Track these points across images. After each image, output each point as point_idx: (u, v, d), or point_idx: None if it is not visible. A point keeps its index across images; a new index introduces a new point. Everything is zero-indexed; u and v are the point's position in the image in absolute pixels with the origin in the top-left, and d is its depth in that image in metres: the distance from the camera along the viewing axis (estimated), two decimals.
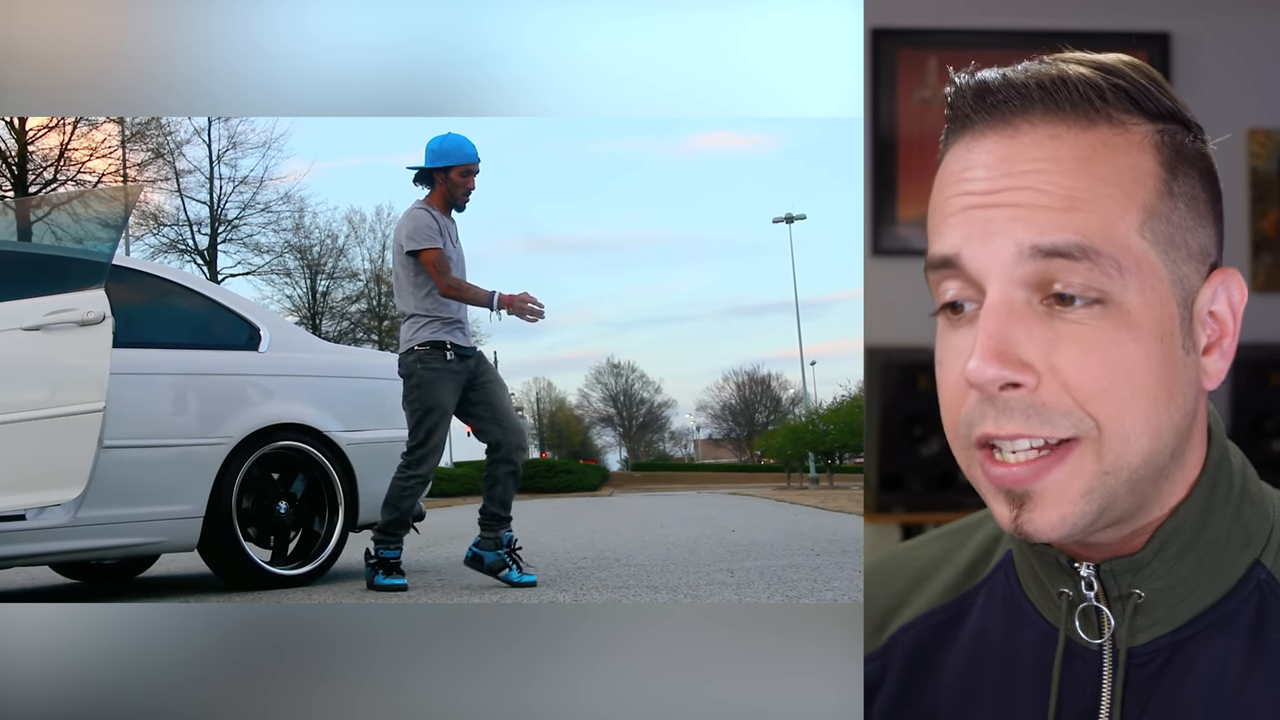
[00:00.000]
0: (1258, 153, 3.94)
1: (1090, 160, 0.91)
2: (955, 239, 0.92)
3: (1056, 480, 0.91)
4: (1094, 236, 0.89)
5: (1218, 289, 0.96)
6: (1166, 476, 0.95)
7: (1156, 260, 0.91)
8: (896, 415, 4.08)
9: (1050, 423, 0.90)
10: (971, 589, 1.12)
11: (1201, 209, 0.95)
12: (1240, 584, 0.97)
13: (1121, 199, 0.90)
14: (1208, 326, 0.96)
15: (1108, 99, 0.92)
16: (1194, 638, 0.97)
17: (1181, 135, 0.95)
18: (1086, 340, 0.89)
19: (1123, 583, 0.98)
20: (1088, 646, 1.00)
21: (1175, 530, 0.97)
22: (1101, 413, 0.90)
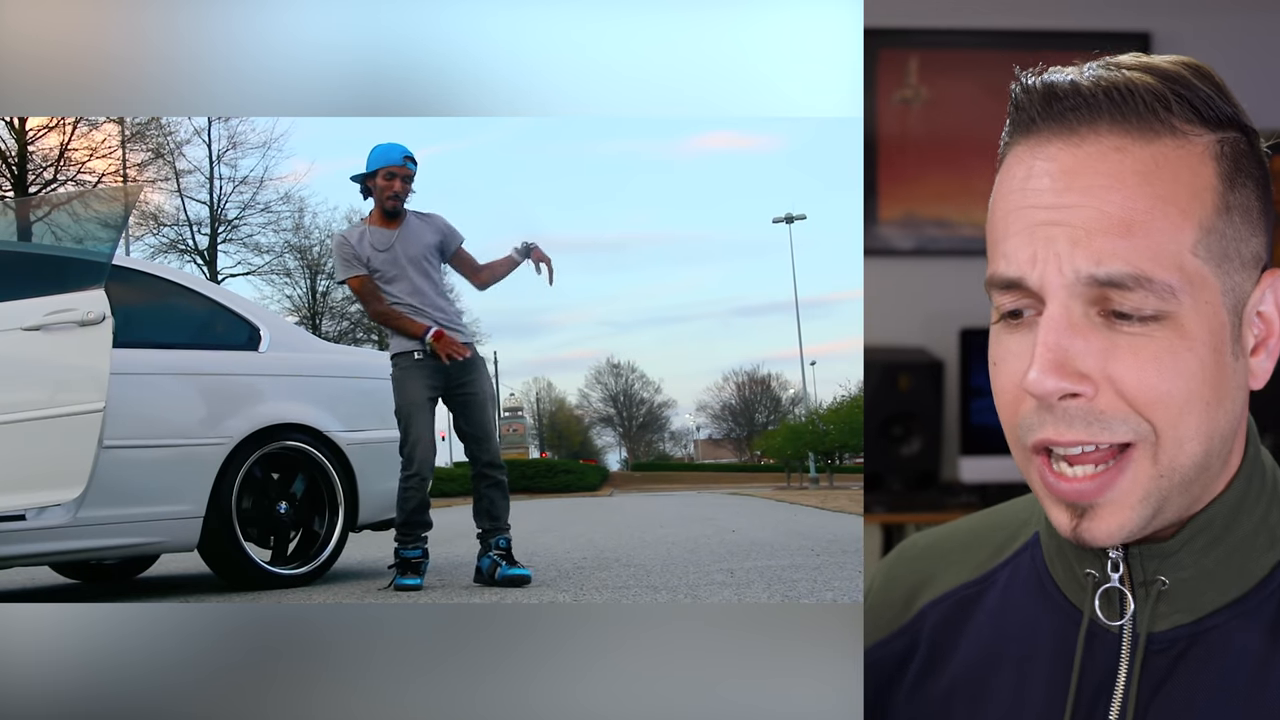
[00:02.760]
0: None
1: (1151, 177, 0.92)
2: (1020, 262, 0.95)
3: (1120, 491, 0.95)
4: (1147, 265, 0.91)
5: (1266, 290, 0.99)
6: (1215, 476, 0.99)
7: (1210, 274, 0.94)
8: (876, 415, 4.08)
9: (1110, 429, 0.94)
10: (996, 566, 1.15)
11: (1255, 218, 0.97)
12: (1263, 583, 0.99)
13: (1178, 218, 0.92)
14: (1255, 327, 0.99)
15: (1173, 109, 0.94)
16: (1214, 629, 0.99)
17: (1240, 143, 0.96)
18: (1143, 351, 0.93)
19: (1149, 568, 1.01)
20: (1108, 629, 1.03)
21: (1206, 523, 1.00)
22: (1158, 418, 0.93)
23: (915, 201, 4.16)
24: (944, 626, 1.15)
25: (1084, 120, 0.94)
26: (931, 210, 4.15)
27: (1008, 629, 1.11)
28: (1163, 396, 0.93)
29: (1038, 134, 0.96)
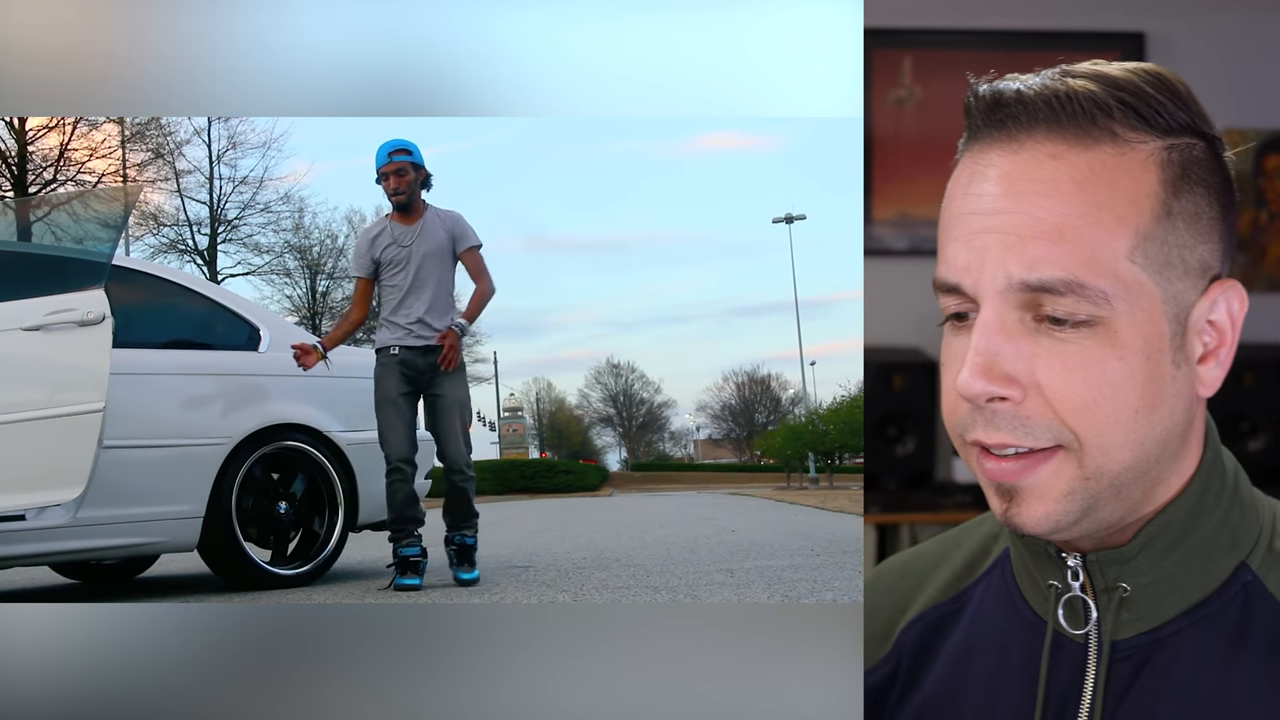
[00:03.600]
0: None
1: (1087, 183, 0.93)
2: (958, 267, 0.97)
3: (1041, 478, 0.96)
4: (1079, 270, 0.92)
5: (1217, 300, 0.98)
6: (1158, 480, 0.99)
7: (1148, 281, 0.93)
8: (873, 415, 4.08)
9: (1034, 434, 0.95)
10: (970, 585, 1.16)
11: (1204, 225, 0.96)
12: (1225, 585, 0.99)
13: (1113, 224, 0.92)
14: (1205, 335, 0.98)
15: (1113, 115, 0.93)
16: (1177, 634, 0.99)
17: (1193, 150, 0.96)
18: (1071, 358, 0.93)
19: (1109, 575, 1.01)
20: (1073, 639, 1.03)
21: (1164, 526, 1.00)
22: (1082, 427, 0.94)
23: (909, 201, 4.16)
24: (919, 646, 1.16)
25: (1023, 127, 0.95)
26: (925, 210, 4.15)
27: (979, 644, 1.11)
28: (1088, 404, 0.93)
29: (981, 141, 0.98)
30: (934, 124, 4.09)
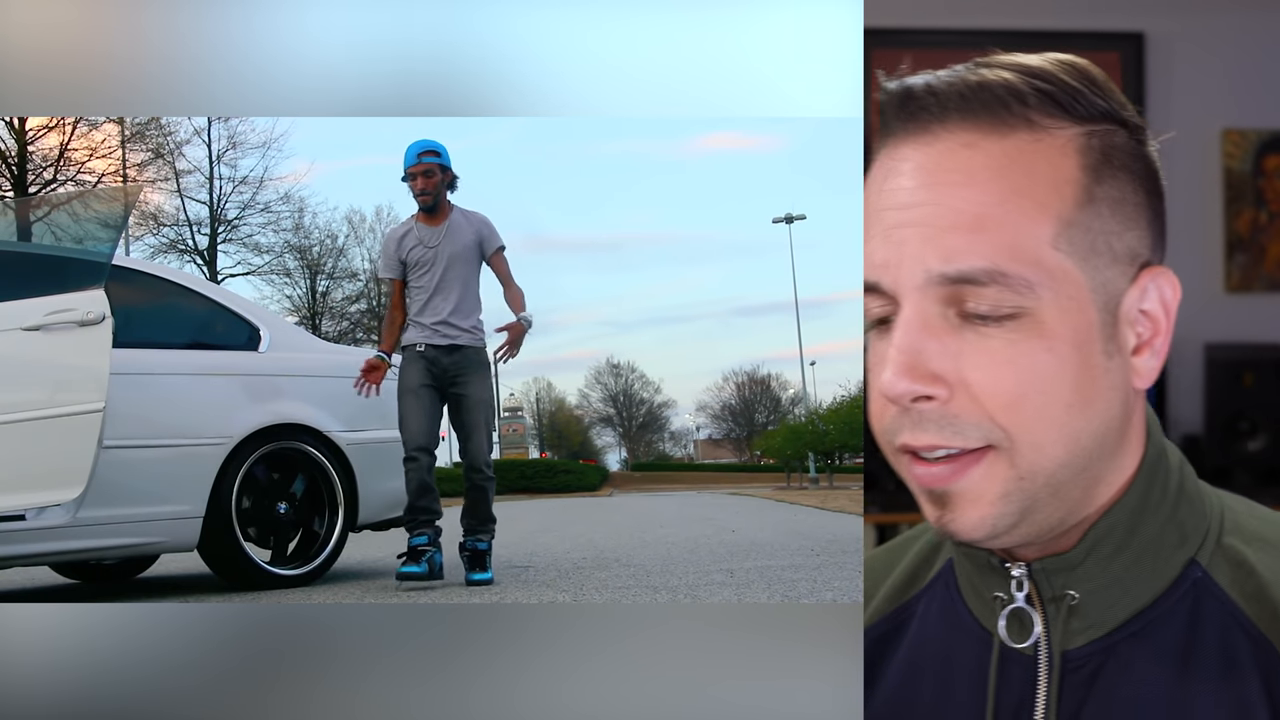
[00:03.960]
0: (1232, 153, 3.93)
1: (1004, 171, 0.90)
2: (876, 265, 0.94)
3: (973, 482, 0.92)
4: (1001, 259, 0.89)
5: (1148, 287, 0.95)
6: (1098, 479, 0.95)
7: (1073, 269, 0.91)
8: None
9: (963, 433, 0.91)
10: (911, 598, 1.12)
11: (1130, 212, 0.94)
12: (1175, 584, 0.96)
13: (1034, 211, 0.90)
14: (1138, 325, 0.95)
15: (1028, 103, 0.91)
16: (1128, 640, 0.96)
17: (1114, 136, 0.93)
18: (998, 353, 0.90)
19: (1055, 583, 0.98)
20: (1024, 651, 0.99)
21: (1108, 530, 0.97)
22: (1012, 423, 0.90)
23: None
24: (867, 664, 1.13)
25: (935, 119, 0.93)
26: None
27: (924, 662, 1.08)
28: (1017, 400, 0.90)
29: (895, 136, 0.96)
30: None
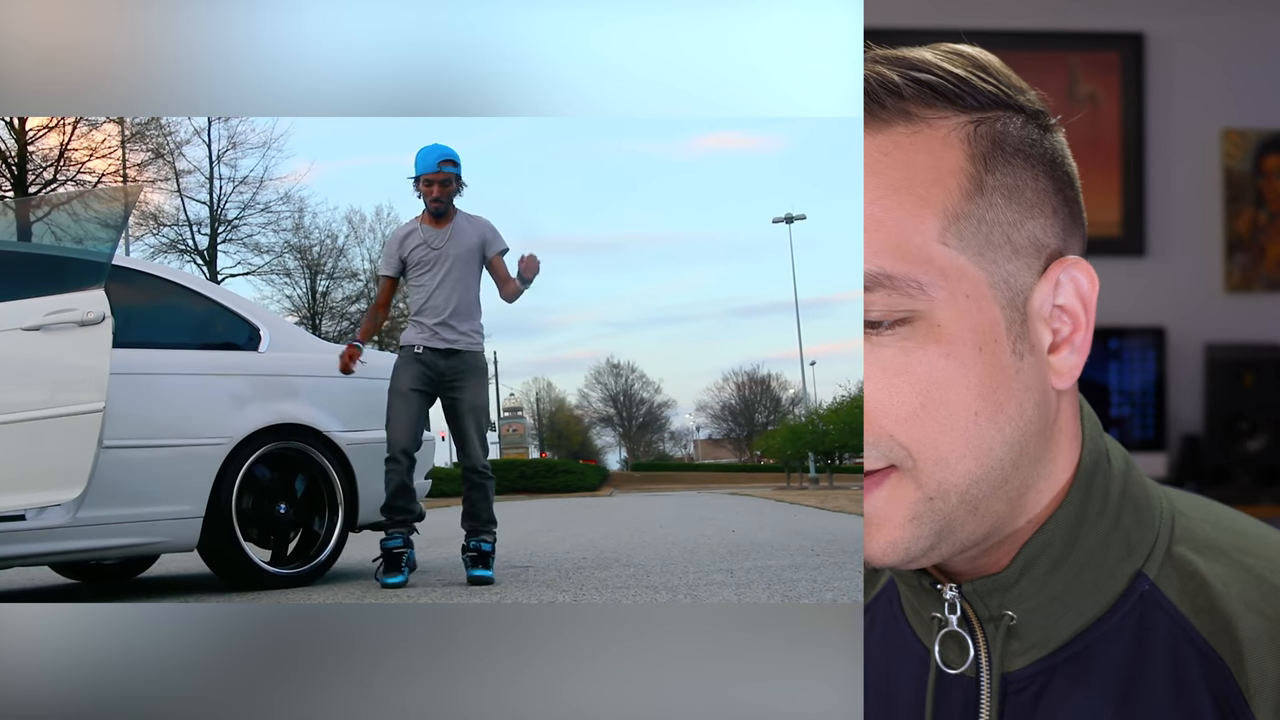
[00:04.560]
0: (1231, 153, 3.93)
1: (879, 166, 0.85)
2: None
3: (877, 504, 0.87)
4: (883, 261, 0.83)
5: (1060, 279, 0.88)
6: (1024, 488, 0.89)
7: (968, 264, 0.84)
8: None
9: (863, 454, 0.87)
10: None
11: (1029, 199, 0.87)
12: (1121, 598, 0.90)
13: (915, 208, 0.84)
14: (1054, 321, 0.88)
15: (903, 95, 0.86)
16: (1072, 659, 0.90)
17: (1007, 124, 0.87)
18: (891, 362, 0.84)
19: (990, 604, 0.92)
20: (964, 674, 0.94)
21: (1044, 546, 0.90)
22: (912, 440, 0.85)
23: None
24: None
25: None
26: None
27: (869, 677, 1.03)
28: (915, 412, 0.84)
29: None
30: None
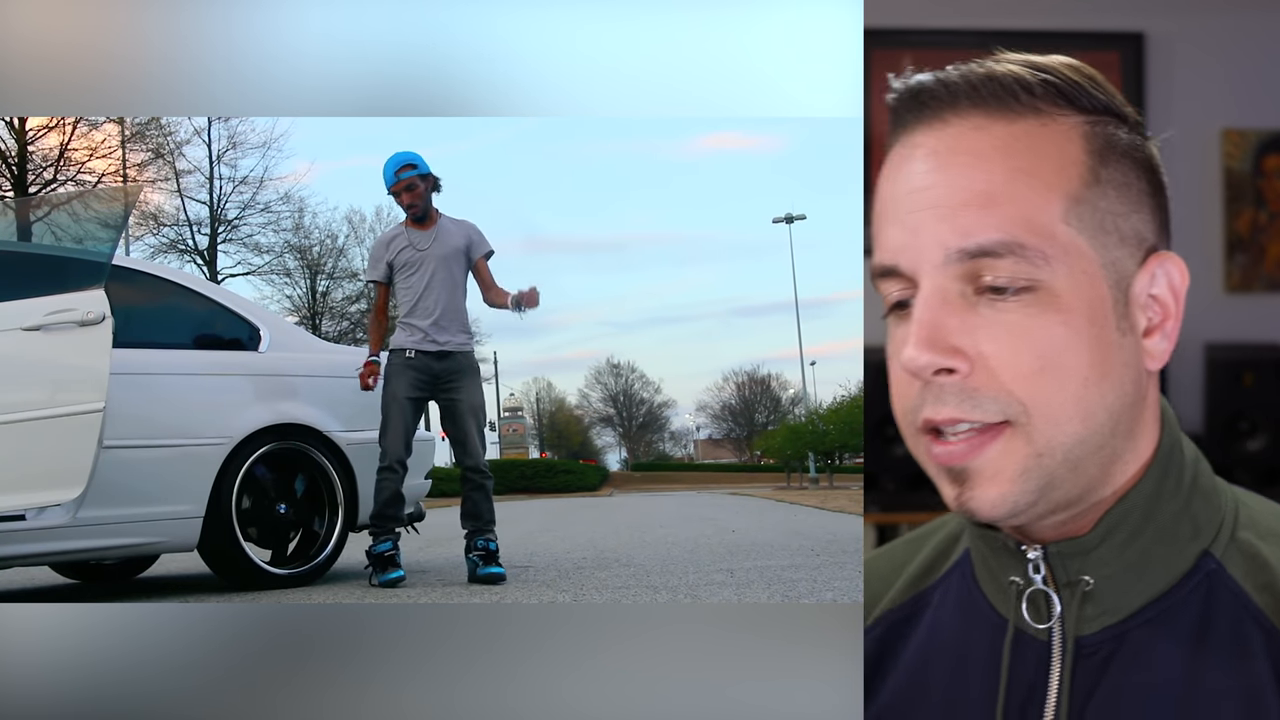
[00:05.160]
0: (1232, 153, 3.93)
1: (1012, 151, 0.94)
2: (892, 249, 0.97)
3: (991, 458, 0.94)
4: (1016, 231, 0.92)
5: (1155, 272, 0.97)
6: (1114, 458, 0.97)
7: (1085, 245, 0.94)
8: (872, 415, 4.08)
9: (981, 406, 0.93)
10: (928, 588, 1.14)
11: (1135, 195, 0.97)
12: (1189, 574, 0.98)
13: (1043, 189, 0.93)
14: (1149, 309, 0.97)
15: (1035, 93, 0.95)
16: (1141, 627, 0.97)
17: (1115, 128, 0.97)
18: (1015, 326, 0.92)
19: (1071, 567, 0.99)
20: (1037, 636, 1.01)
21: (1124, 514, 0.98)
22: (1030, 396, 0.92)
23: None
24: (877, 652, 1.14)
25: (947, 106, 0.97)
26: None
27: (937, 648, 1.09)
28: (1034, 372, 0.92)
29: (907, 127, 1.00)
30: None
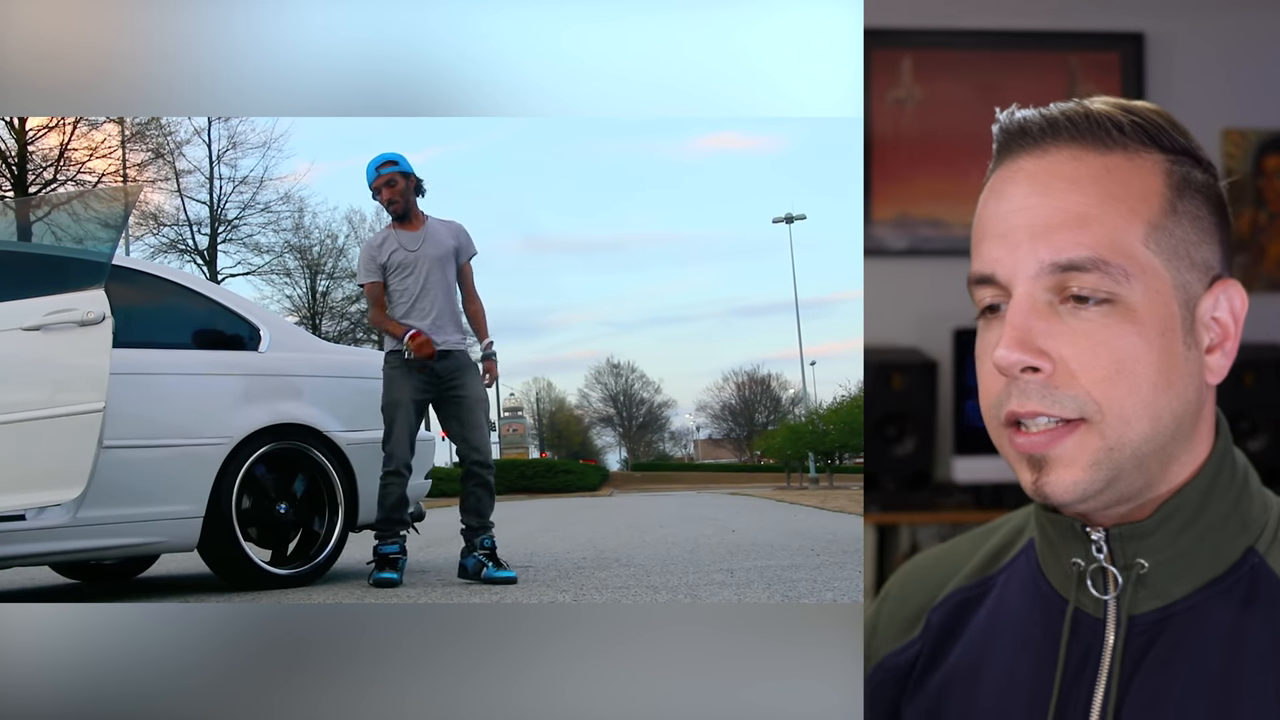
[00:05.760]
0: (1232, 153, 3.93)
1: (1103, 179, 1.08)
2: (991, 259, 1.10)
3: (1067, 448, 1.06)
4: (1103, 249, 1.05)
5: (1219, 297, 1.11)
6: (1173, 458, 1.10)
7: (1160, 267, 1.07)
8: (873, 415, 4.08)
9: (1060, 403, 1.06)
10: (994, 573, 1.26)
11: (1206, 227, 1.11)
12: (1235, 565, 1.09)
13: (1128, 214, 1.07)
14: (1211, 330, 1.10)
15: (1125, 131, 1.09)
16: (1189, 610, 1.09)
17: (1192, 169, 1.11)
18: (1096, 334, 1.05)
19: (1129, 550, 1.11)
20: (1094, 614, 1.13)
21: (1180, 505, 1.10)
22: (1105, 396, 1.05)
23: (908, 201, 4.16)
24: (944, 626, 1.26)
25: (1048, 138, 1.10)
26: (924, 210, 4.15)
27: (1002, 624, 1.21)
28: (1110, 375, 1.05)
29: (1011, 155, 1.13)
30: (934, 124, 4.08)
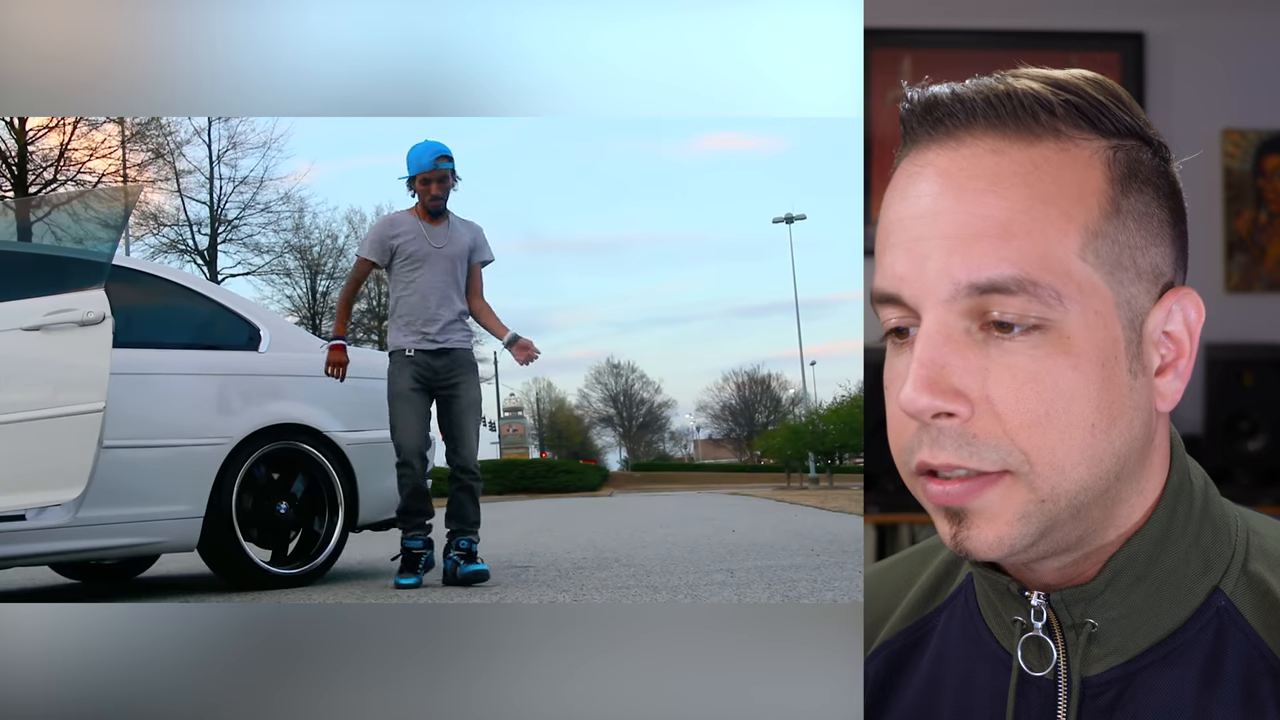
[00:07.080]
0: (1232, 153, 3.93)
1: (1031, 178, 0.88)
2: (894, 276, 0.91)
3: (990, 501, 0.89)
4: (1030, 267, 0.86)
5: (1172, 309, 0.92)
6: (1119, 500, 0.93)
7: (1100, 282, 0.88)
8: (872, 415, 4.08)
9: (979, 454, 0.88)
10: (931, 612, 1.11)
11: (1154, 227, 0.92)
12: (1199, 612, 0.94)
13: (1061, 221, 0.87)
14: (1162, 347, 0.92)
15: (1056, 113, 0.89)
16: (1149, 667, 0.94)
17: (1139, 152, 0.92)
18: (1022, 369, 0.87)
19: (1075, 612, 0.96)
20: (1043, 675, 0.97)
21: (1129, 559, 0.94)
22: (1033, 445, 0.87)
23: None
24: (882, 680, 1.10)
25: (961, 125, 0.90)
26: None
27: (943, 679, 1.06)
28: (1039, 419, 0.86)
29: (918, 144, 0.94)
30: None
